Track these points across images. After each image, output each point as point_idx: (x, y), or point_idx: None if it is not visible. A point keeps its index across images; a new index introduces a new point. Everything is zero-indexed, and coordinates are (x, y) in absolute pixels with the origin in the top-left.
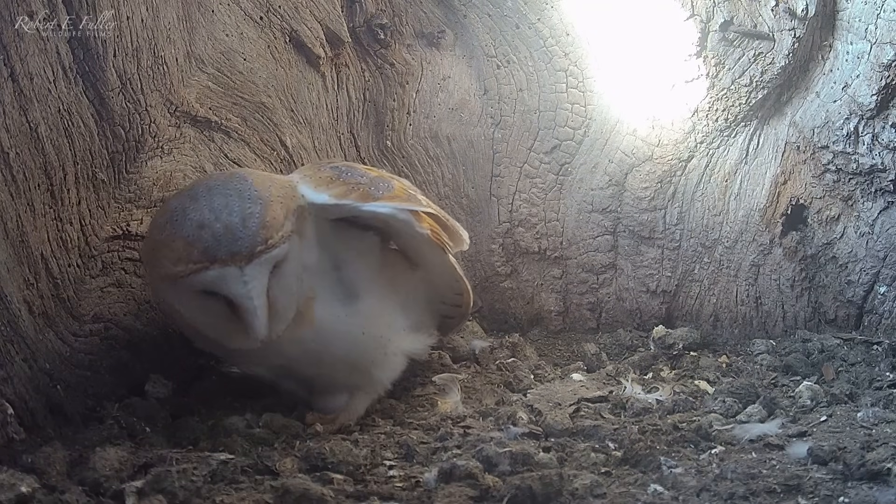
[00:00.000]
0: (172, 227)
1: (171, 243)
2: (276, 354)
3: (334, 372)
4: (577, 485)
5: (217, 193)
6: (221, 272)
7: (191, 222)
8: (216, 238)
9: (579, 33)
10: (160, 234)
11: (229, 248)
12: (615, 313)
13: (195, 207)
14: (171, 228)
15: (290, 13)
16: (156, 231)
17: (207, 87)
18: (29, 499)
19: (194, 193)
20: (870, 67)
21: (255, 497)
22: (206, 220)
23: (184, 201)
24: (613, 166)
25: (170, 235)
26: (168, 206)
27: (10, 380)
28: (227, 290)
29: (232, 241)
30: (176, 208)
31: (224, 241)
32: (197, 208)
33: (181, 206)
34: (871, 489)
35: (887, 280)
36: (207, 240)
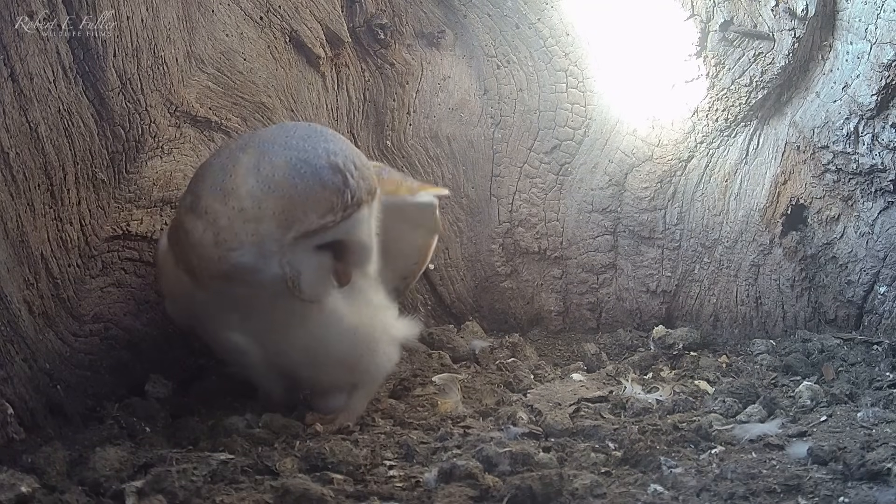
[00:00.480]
0: (308, 179)
1: (315, 195)
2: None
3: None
4: (577, 485)
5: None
6: (361, 214)
7: (325, 169)
8: (355, 179)
9: (579, 33)
10: (294, 190)
11: (367, 187)
12: (615, 313)
13: (314, 154)
14: (308, 180)
15: (290, 13)
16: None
17: (207, 87)
18: (29, 499)
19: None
20: (870, 67)
21: (255, 497)
22: (340, 163)
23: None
24: (613, 166)
25: (310, 187)
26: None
27: (10, 380)
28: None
29: (365, 178)
30: (291, 160)
31: (361, 180)
32: (317, 155)
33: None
34: (871, 489)
35: (887, 280)
36: (352, 183)
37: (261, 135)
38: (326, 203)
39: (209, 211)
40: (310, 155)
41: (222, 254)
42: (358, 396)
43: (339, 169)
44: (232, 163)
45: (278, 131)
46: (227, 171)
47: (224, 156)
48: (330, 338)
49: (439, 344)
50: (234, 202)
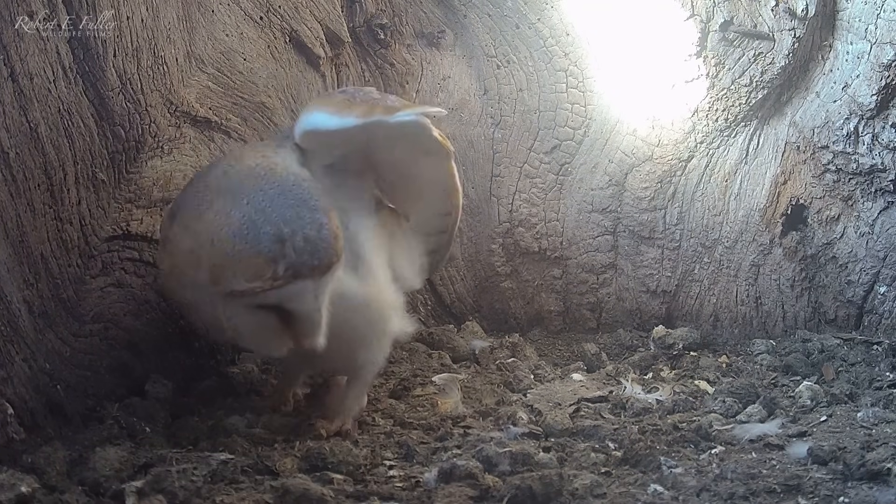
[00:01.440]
0: (245, 242)
1: (247, 259)
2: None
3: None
4: (577, 485)
5: (281, 201)
6: (300, 287)
7: (267, 236)
8: (298, 253)
9: (579, 33)
10: (230, 249)
11: (310, 263)
12: (615, 313)
13: (265, 219)
14: (244, 243)
15: (290, 13)
16: (221, 245)
17: (207, 87)
18: (29, 499)
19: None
20: (870, 67)
21: (255, 497)
22: (285, 233)
23: (246, 211)
24: (613, 166)
25: (244, 251)
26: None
27: (10, 380)
28: (298, 304)
29: (312, 254)
30: (242, 220)
31: (306, 255)
32: (267, 220)
33: (246, 218)
34: (871, 489)
35: (887, 280)
36: (290, 255)
37: (246, 179)
38: (255, 269)
39: (171, 239)
40: (262, 218)
41: (174, 284)
42: (353, 395)
43: (280, 239)
44: (206, 202)
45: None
46: (199, 208)
47: (205, 186)
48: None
49: (439, 344)
50: (189, 241)
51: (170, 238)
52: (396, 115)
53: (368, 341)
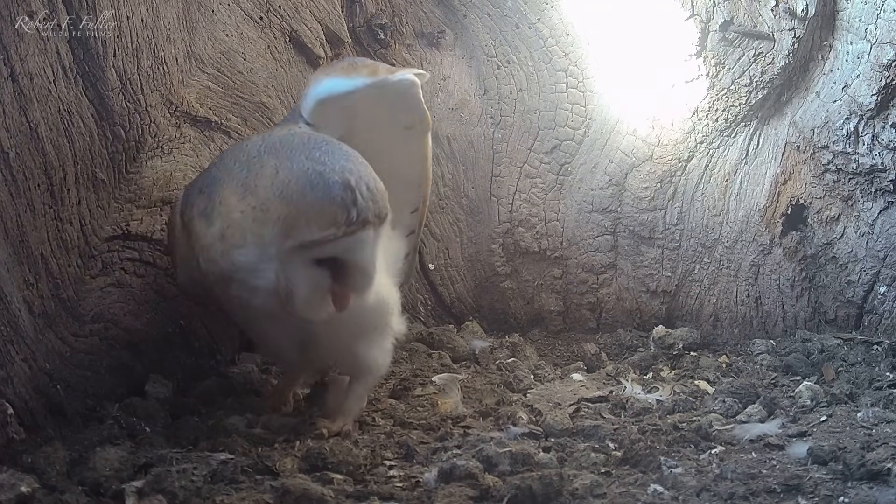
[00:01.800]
0: (318, 191)
1: (321, 207)
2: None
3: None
4: (577, 485)
5: (338, 154)
6: (365, 236)
7: (337, 185)
8: (365, 200)
9: (579, 33)
10: (302, 199)
11: (376, 210)
12: (615, 313)
13: (330, 169)
14: (317, 193)
15: (290, 13)
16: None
17: (207, 87)
18: (29, 499)
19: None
20: (870, 67)
21: (255, 497)
22: (352, 182)
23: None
24: (613, 166)
25: (317, 199)
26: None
27: (10, 380)
28: (359, 254)
29: (375, 202)
30: (308, 171)
31: (371, 203)
32: (333, 170)
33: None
34: (871, 489)
35: (887, 280)
36: (360, 202)
37: (289, 141)
38: (330, 216)
39: (224, 203)
40: (326, 168)
41: (226, 249)
42: (354, 395)
43: (349, 186)
44: (258, 163)
45: (307, 141)
46: (252, 170)
47: (250, 154)
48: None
49: (439, 344)
50: (250, 199)
51: (213, 210)
52: (397, 75)
53: (372, 337)
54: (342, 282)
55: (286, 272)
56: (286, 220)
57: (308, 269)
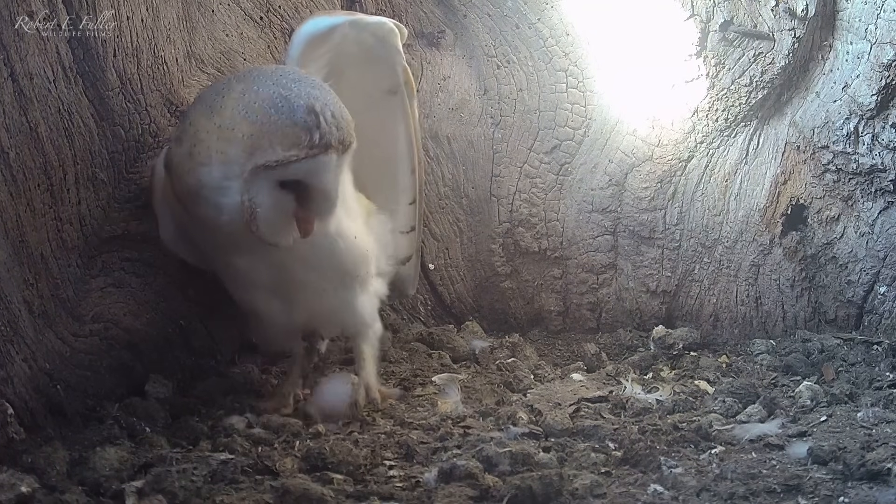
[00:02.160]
0: (281, 113)
1: (284, 128)
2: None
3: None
4: (577, 485)
5: (305, 83)
6: (327, 160)
7: (301, 108)
8: (328, 124)
9: (579, 33)
10: (266, 119)
11: (339, 136)
12: (615, 313)
13: (295, 94)
14: (280, 114)
15: (290, 13)
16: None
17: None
18: (29, 499)
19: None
20: (870, 67)
21: (255, 497)
22: (316, 107)
23: (275, 88)
24: (613, 166)
25: (280, 120)
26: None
27: (10, 380)
28: (322, 178)
29: (339, 128)
30: (273, 94)
31: (335, 127)
32: (298, 95)
33: (277, 92)
34: (871, 489)
35: (887, 280)
36: (323, 126)
37: (259, 70)
38: (293, 137)
39: (193, 124)
40: (291, 93)
41: (193, 167)
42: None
43: (313, 111)
44: (226, 88)
45: (276, 70)
46: (220, 94)
47: (220, 83)
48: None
49: (439, 344)
50: (216, 119)
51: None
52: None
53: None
54: (305, 206)
55: (250, 192)
56: (250, 140)
57: (272, 191)
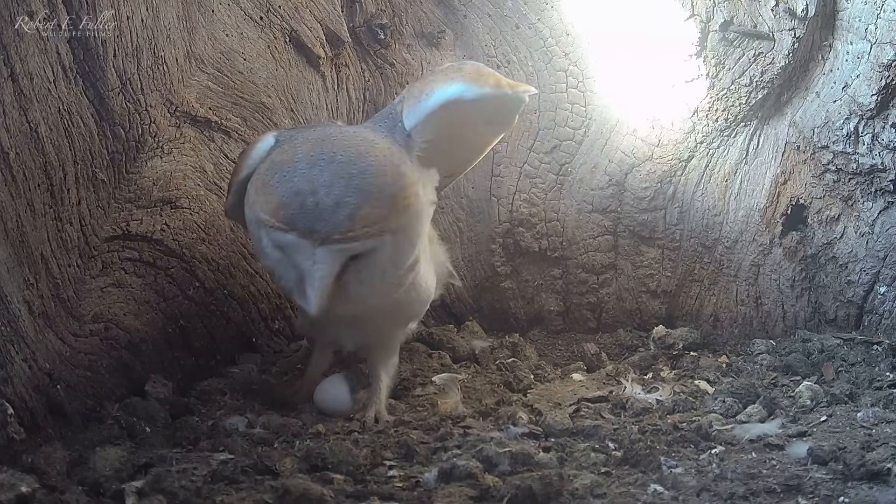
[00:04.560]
0: (278, 181)
1: (268, 194)
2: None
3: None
4: (577, 485)
5: (333, 167)
6: (296, 241)
7: (291, 185)
8: (303, 210)
9: (579, 33)
10: (270, 178)
11: (309, 224)
12: (615, 313)
13: (304, 174)
14: (277, 181)
15: (290, 13)
16: (269, 172)
17: (207, 87)
18: (29, 499)
19: (316, 156)
20: (870, 67)
21: (255, 497)
22: (303, 190)
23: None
24: (613, 166)
25: (273, 186)
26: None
27: (10, 380)
28: (296, 259)
29: (314, 219)
30: (297, 162)
31: (309, 215)
32: (305, 175)
33: (300, 163)
34: (871, 489)
35: (887, 280)
36: (295, 208)
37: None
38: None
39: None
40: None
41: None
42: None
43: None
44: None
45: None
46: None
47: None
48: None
49: (439, 344)
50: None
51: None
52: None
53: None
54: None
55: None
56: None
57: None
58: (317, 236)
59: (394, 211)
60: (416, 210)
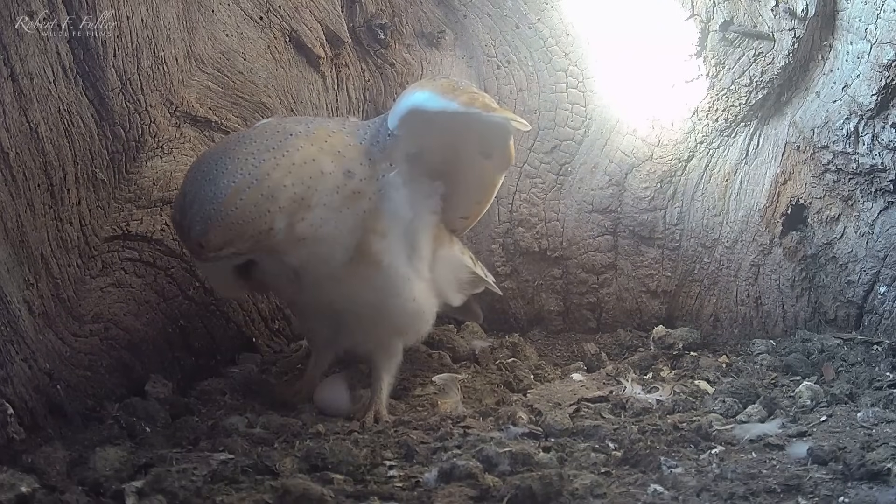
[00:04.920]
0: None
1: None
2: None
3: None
4: (577, 485)
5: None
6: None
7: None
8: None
9: (579, 33)
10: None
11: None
12: (615, 313)
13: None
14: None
15: (290, 13)
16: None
17: (207, 87)
18: (29, 499)
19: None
20: (870, 67)
21: (255, 497)
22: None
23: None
24: (613, 166)
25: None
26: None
27: (10, 380)
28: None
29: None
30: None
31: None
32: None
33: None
34: (871, 489)
35: (887, 280)
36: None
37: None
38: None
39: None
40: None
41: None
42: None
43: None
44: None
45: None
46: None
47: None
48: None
49: (439, 344)
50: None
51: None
52: (491, 114)
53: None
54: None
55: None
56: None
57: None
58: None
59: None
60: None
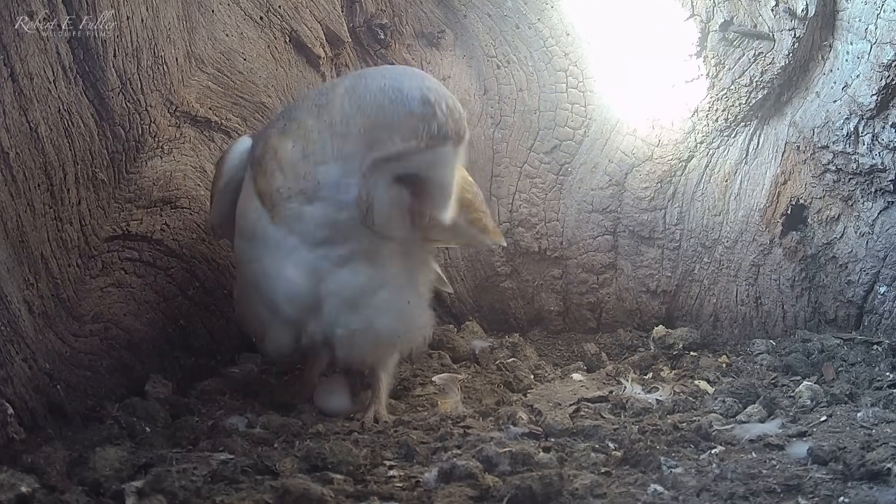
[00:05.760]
0: (397, 104)
1: (402, 119)
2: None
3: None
4: (577, 485)
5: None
6: (445, 152)
7: (415, 99)
8: (444, 115)
9: (579, 33)
10: (382, 112)
11: (455, 127)
12: (615, 313)
13: (408, 85)
14: (396, 105)
15: (290, 13)
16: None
17: (207, 87)
18: (29, 499)
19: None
20: (870, 67)
21: (255, 497)
22: (431, 97)
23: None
24: (613, 166)
25: (397, 111)
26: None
27: (10, 380)
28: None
29: (455, 121)
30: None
31: (451, 121)
32: (410, 86)
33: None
34: (871, 489)
35: (887, 280)
36: (440, 116)
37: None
38: (411, 128)
39: (302, 126)
40: (404, 85)
41: (309, 168)
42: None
43: (429, 101)
44: (331, 86)
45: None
46: (325, 93)
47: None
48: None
49: (439, 344)
50: (326, 117)
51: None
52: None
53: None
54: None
55: (368, 187)
56: (367, 133)
57: (390, 185)
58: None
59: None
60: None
